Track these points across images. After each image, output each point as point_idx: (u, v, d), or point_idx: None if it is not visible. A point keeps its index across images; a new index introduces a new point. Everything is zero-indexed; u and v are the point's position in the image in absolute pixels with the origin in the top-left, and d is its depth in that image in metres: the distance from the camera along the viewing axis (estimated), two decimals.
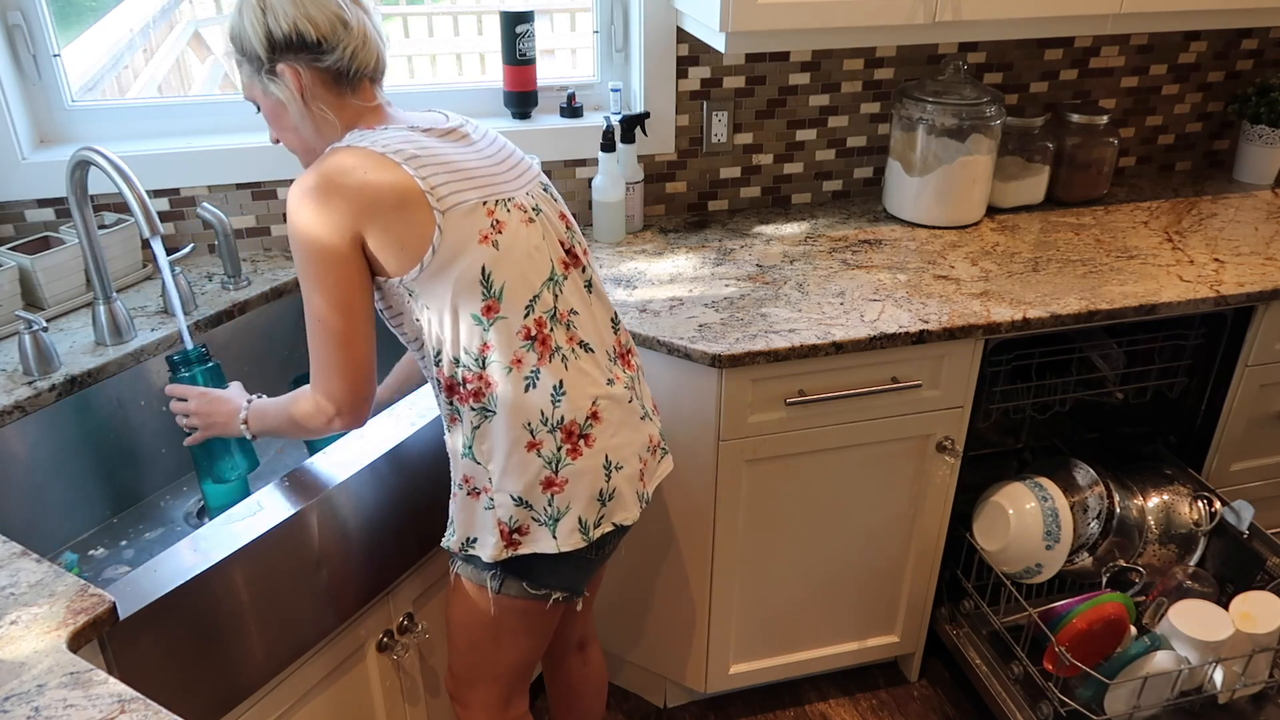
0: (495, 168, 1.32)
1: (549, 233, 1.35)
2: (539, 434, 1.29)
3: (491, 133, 1.39)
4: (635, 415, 1.40)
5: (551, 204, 1.39)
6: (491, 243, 1.26)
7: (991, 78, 2.29)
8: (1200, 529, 1.97)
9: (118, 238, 1.79)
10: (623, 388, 1.39)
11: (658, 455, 1.47)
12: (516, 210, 1.30)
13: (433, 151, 1.26)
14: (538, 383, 1.29)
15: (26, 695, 0.98)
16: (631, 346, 1.47)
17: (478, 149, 1.33)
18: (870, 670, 2.22)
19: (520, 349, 1.28)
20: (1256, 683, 1.78)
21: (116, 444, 1.64)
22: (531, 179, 1.37)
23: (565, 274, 1.35)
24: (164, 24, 3.75)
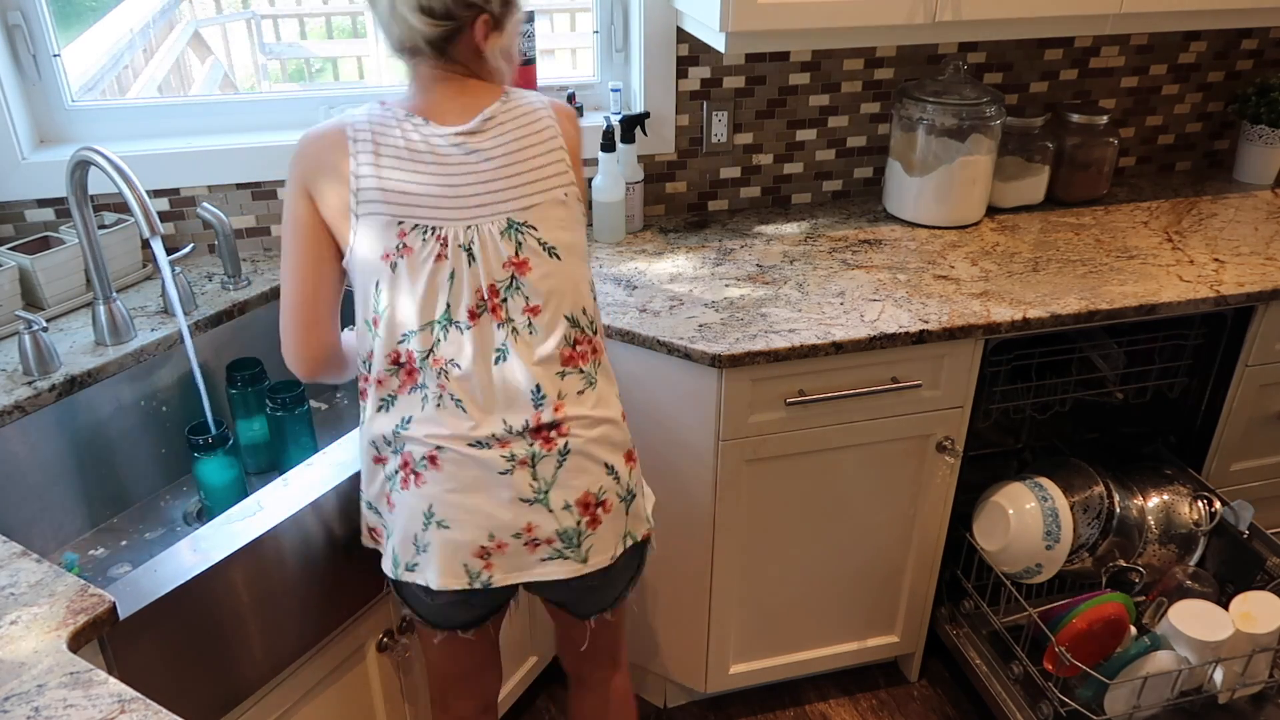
0: (454, 189, 1.25)
1: (466, 275, 1.25)
2: (384, 451, 1.30)
3: (516, 141, 1.29)
4: (504, 490, 1.27)
5: (501, 246, 1.26)
6: (390, 264, 1.25)
7: (991, 78, 2.29)
8: (1200, 529, 1.97)
9: (118, 238, 1.79)
10: (500, 457, 1.27)
11: (538, 551, 1.31)
12: (434, 241, 1.24)
13: (393, 152, 1.25)
14: (391, 407, 1.29)
15: (26, 695, 0.98)
16: (565, 429, 1.30)
17: (459, 164, 1.26)
18: (870, 670, 2.22)
19: (385, 371, 1.28)
20: (1256, 683, 1.78)
21: (116, 444, 1.64)
22: (510, 209, 1.27)
23: (468, 322, 1.26)
24: (164, 24, 3.75)
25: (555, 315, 1.30)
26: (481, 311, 1.27)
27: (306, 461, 1.40)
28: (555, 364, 1.30)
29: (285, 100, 2.00)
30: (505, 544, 1.30)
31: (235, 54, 4.52)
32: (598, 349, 1.36)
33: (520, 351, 1.28)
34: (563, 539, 1.32)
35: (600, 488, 1.33)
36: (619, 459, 1.36)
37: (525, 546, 1.31)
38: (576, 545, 1.33)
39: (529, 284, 1.28)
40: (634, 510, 1.39)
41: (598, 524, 1.33)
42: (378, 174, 1.24)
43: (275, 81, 4.63)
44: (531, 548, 1.31)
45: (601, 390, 1.35)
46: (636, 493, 1.39)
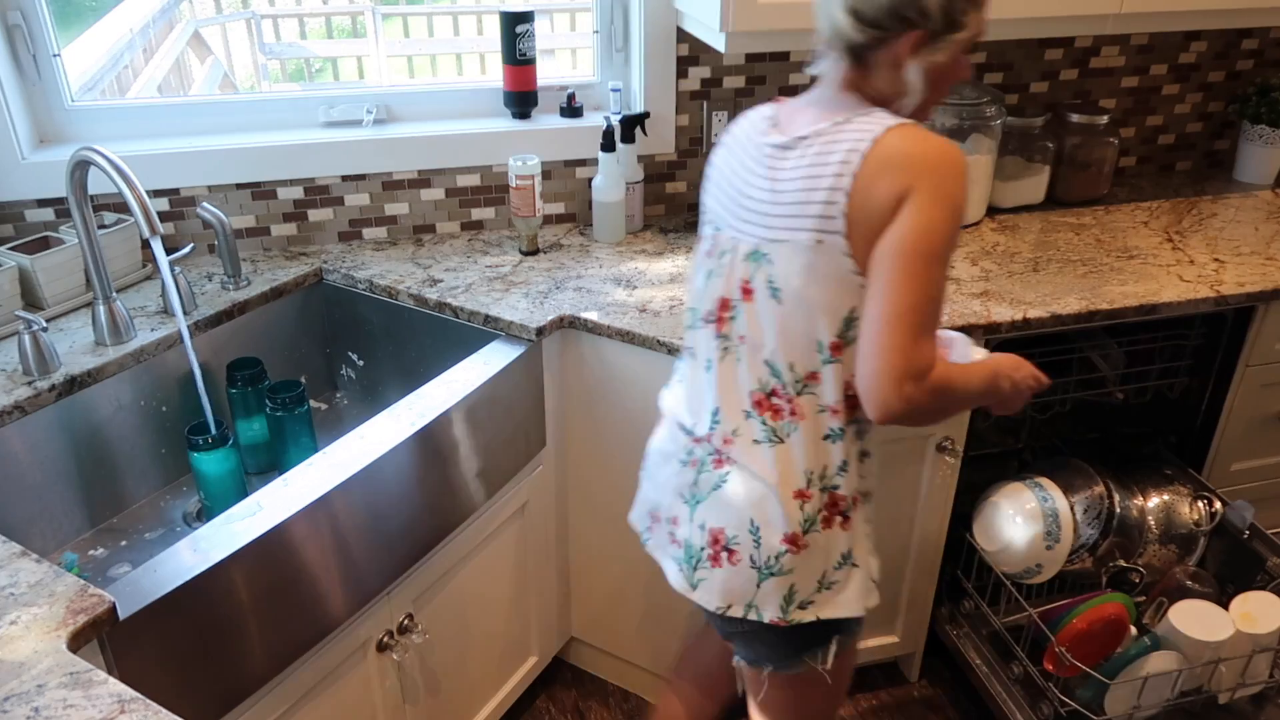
0: (744, 198, 1.25)
1: (718, 285, 1.29)
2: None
3: (807, 169, 1.18)
4: (675, 476, 1.36)
5: (740, 268, 1.25)
6: (705, 253, 1.33)
7: (991, 78, 2.29)
8: (1200, 529, 1.97)
9: (118, 238, 1.79)
10: (685, 447, 1.35)
11: (671, 546, 1.38)
12: (716, 241, 1.30)
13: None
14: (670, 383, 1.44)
15: (26, 695, 0.97)
16: (729, 462, 1.29)
17: (762, 177, 1.23)
18: (870, 670, 2.22)
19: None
20: (1256, 683, 1.78)
21: (116, 444, 1.64)
22: (761, 235, 1.21)
23: (704, 324, 1.32)
24: (164, 24, 3.76)
25: (755, 355, 1.26)
26: (711, 321, 1.31)
27: (306, 461, 1.40)
28: (745, 401, 1.27)
29: (285, 100, 2.00)
30: (660, 520, 1.40)
31: (235, 54, 4.52)
32: (799, 413, 1.24)
33: (720, 372, 1.30)
34: (685, 550, 1.34)
35: (734, 537, 1.28)
36: (772, 534, 1.26)
37: (668, 534, 1.38)
38: (692, 566, 1.34)
39: (745, 313, 1.26)
40: (770, 588, 1.28)
41: (718, 564, 1.30)
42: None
43: (275, 81, 4.63)
44: (670, 539, 1.39)
45: (782, 455, 1.25)
46: (783, 579, 1.28)
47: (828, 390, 1.23)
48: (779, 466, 1.25)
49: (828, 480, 1.26)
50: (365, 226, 2.06)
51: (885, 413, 1.14)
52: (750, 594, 1.29)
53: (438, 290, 1.84)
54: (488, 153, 2.05)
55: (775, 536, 1.26)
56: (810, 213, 1.16)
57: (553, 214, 2.16)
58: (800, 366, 1.22)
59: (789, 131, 1.23)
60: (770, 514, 1.26)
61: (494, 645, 1.88)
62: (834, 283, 1.17)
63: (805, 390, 1.23)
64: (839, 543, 1.29)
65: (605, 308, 1.79)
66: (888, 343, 1.12)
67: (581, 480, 1.94)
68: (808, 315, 1.20)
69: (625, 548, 1.96)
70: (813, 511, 1.26)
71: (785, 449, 1.25)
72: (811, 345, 1.21)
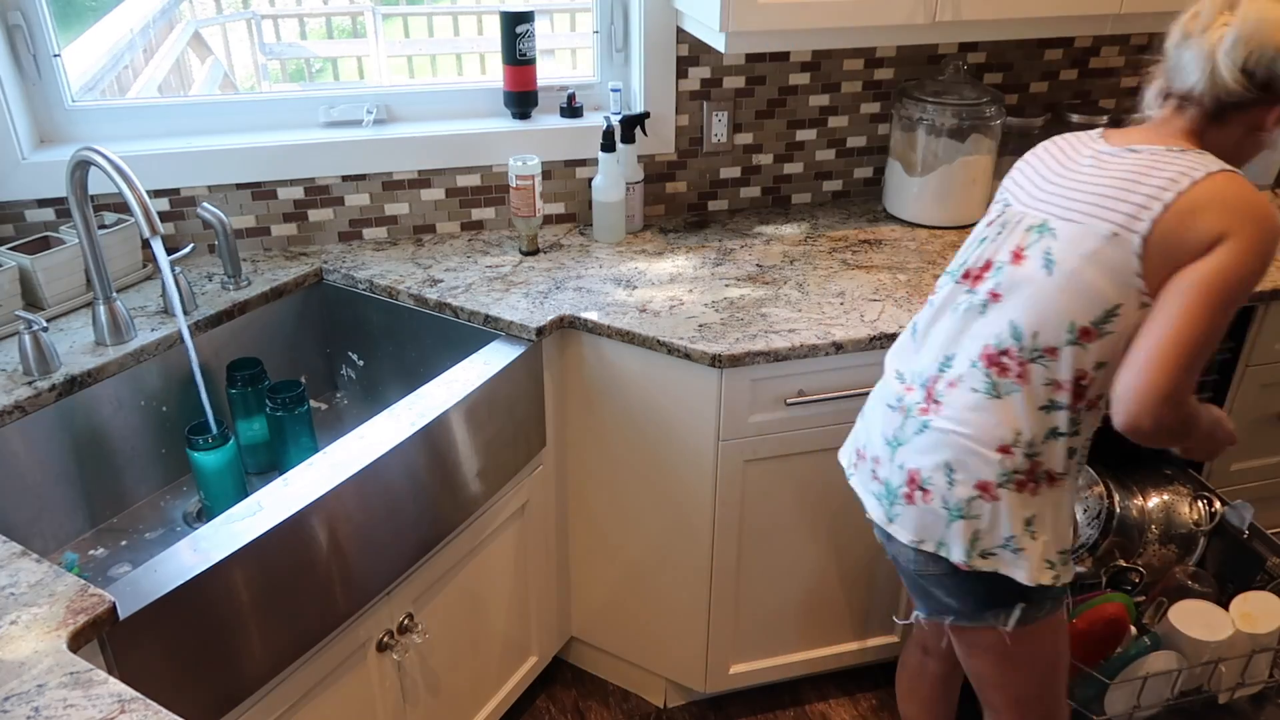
0: (1047, 183, 1.35)
1: (987, 246, 1.38)
2: None
3: (1127, 172, 1.26)
4: (882, 419, 1.45)
5: (1019, 236, 1.33)
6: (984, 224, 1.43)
7: (991, 78, 2.29)
8: (1200, 529, 1.97)
9: (118, 238, 1.79)
10: (896, 394, 1.42)
11: (874, 483, 1.46)
12: (999, 214, 1.39)
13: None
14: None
15: (26, 695, 0.98)
16: (940, 408, 1.35)
17: (1073, 168, 1.33)
18: (870, 670, 2.22)
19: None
20: (1256, 683, 1.78)
21: (116, 444, 1.64)
22: (1055, 213, 1.30)
23: (959, 279, 1.39)
24: (164, 24, 3.76)
25: (1004, 314, 1.32)
26: (969, 276, 1.38)
27: (307, 461, 1.40)
28: (975, 351, 1.34)
29: (285, 100, 2.00)
30: (865, 457, 1.49)
31: (235, 54, 4.52)
32: (1025, 377, 1.29)
33: (962, 319, 1.37)
34: (885, 487, 1.43)
35: (930, 477, 1.36)
36: (965, 477, 1.33)
37: (871, 472, 1.47)
38: (890, 502, 1.43)
39: (1009, 274, 1.33)
40: (957, 530, 1.34)
41: (912, 501, 1.39)
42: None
43: (275, 81, 4.63)
44: (872, 476, 1.47)
45: (995, 408, 1.31)
46: (969, 523, 1.33)
47: (1061, 368, 1.28)
48: (987, 418, 1.32)
49: (1034, 448, 1.31)
50: (365, 226, 2.06)
51: (1134, 426, 1.22)
52: (940, 532, 1.36)
53: (438, 290, 1.84)
54: (488, 153, 2.05)
55: (969, 482, 1.33)
56: (1120, 209, 1.24)
57: (553, 214, 2.16)
58: (1043, 337, 1.29)
59: (1119, 144, 1.32)
60: (967, 460, 1.33)
61: (494, 645, 1.88)
62: (1113, 275, 1.24)
63: (1038, 360, 1.29)
64: (1029, 507, 1.33)
65: (605, 308, 1.79)
66: (1162, 364, 1.19)
67: (581, 480, 1.94)
68: (1073, 294, 1.26)
69: (625, 548, 1.96)
70: (1011, 469, 1.31)
71: (1000, 404, 1.31)
72: (1063, 323, 1.27)
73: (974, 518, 1.33)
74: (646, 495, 1.88)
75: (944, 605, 1.44)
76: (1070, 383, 1.29)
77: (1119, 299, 1.24)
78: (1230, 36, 1.21)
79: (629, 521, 1.93)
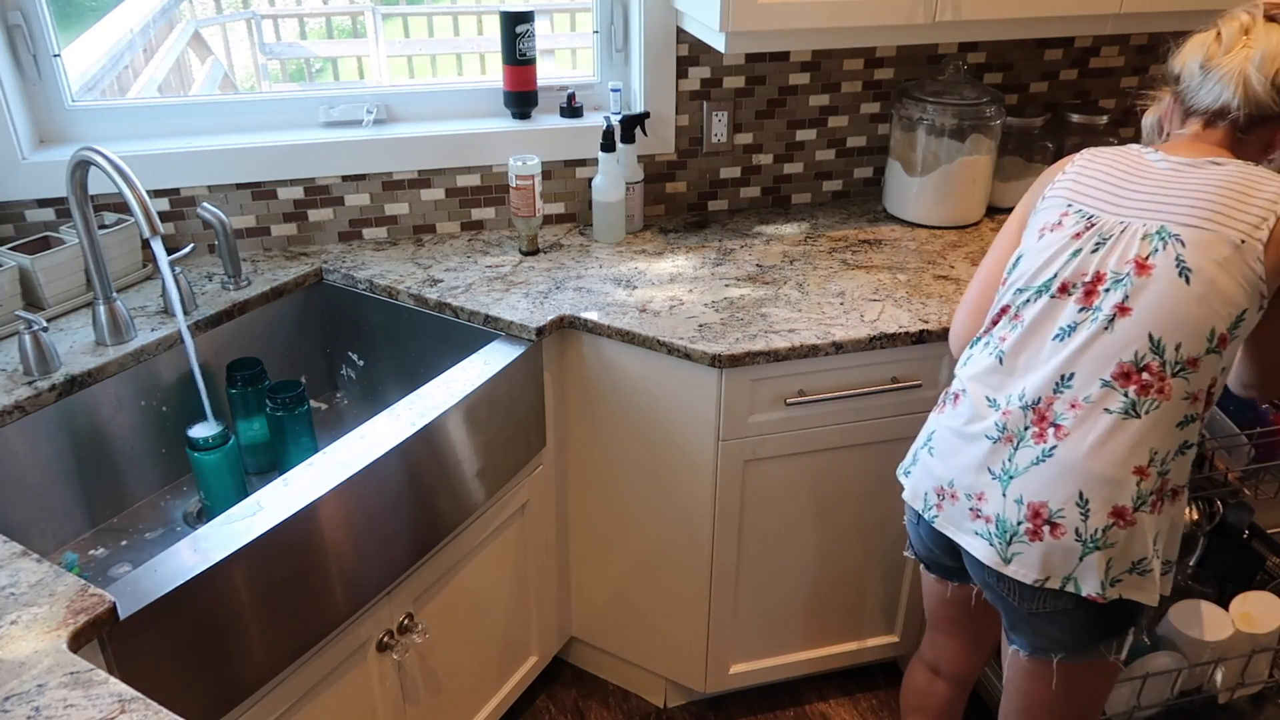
0: (1129, 189, 1.34)
1: (1085, 258, 1.32)
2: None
3: (1234, 177, 1.29)
4: (980, 452, 1.36)
5: (1136, 245, 1.29)
6: (1041, 234, 1.38)
7: (991, 78, 2.29)
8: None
9: (118, 238, 1.79)
10: (994, 423, 1.34)
11: (976, 522, 1.36)
12: (1082, 223, 1.35)
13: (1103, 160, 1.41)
14: (970, 347, 1.46)
15: (27, 695, 0.98)
16: (1063, 432, 1.29)
17: (1152, 173, 1.34)
18: (870, 670, 2.22)
19: (990, 318, 1.43)
20: (1256, 683, 1.78)
21: (116, 444, 1.64)
22: (1170, 218, 1.28)
23: (1056, 296, 1.33)
24: (164, 24, 3.76)
25: (1140, 327, 1.27)
26: (1070, 292, 1.32)
27: (307, 461, 1.40)
28: (1108, 370, 1.28)
29: (285, 100, 2.00)
30: (957, 496, 1.39)
31: (235, 54, 4.53)
32: (1166, 392, 1.26)
33: (1081, 336, 1.30)
34: (998, 525, 1.34)
35: (1060, 510, 1.29)
36: (1100, 505, 1.27)
37: (969, 510, 1.37)
38: (1006, 541, 1.33)
39: (1136, 284, 1.28)
40: (1091, 563, 1.29)
41: (1038, 538, 1.30)
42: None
43: (275, 81, 4.64)
44: (973, 515, 1.37)
45: (1133, 429, 1.26)
46: (1105, 553, 1.28)
47: (1201, 379, 1.27)
48: (1126, 439, 1.27)
49: (1166, 465, 1.28)
50: (365, 226, 2.06)
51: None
52: (1071, 567, 1.30)
53: (438, 290, 1.84)
54: (488, 153, 2.05)
55: (1104, 510, 1.27)
56: (1242, 217, 1.25)
57: (553, 214, 2.16)
58: (1186, 349, 1.25)
59: (1185, 155, 1.34)
60: (1103, 487, 1.27)
61: (494, 645, 1.88)
62: (1242, 281, 1.25)
63: (1181, 373, 1.26)
64: (1158, 526, 1.30)
65: (605, 308, 1.79)
66: None
67: (581, 480, 1.94)
68: (1213, 302, 1.25)
69: (625, 547, 1.96)
70: (1147, 491, 1.27)
71: (1140, 425, 1.27)
72: (1204, 332, 1.25)
73: (1110, 546, 1.28)
74: (646, 495, 1.88)
75: (1055, 642, 1.37)
76: (1205, 392, 1.27)
77: (1246, 304, 1.26)
78: (1257, 55, 1.29)
79: (629, 521, 1.93)
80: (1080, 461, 1.27)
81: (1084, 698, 1.44)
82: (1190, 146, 1.35)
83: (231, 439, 1.59)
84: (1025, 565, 1.32)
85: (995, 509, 1.34)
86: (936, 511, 1.42)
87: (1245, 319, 1.26)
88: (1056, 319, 1.33)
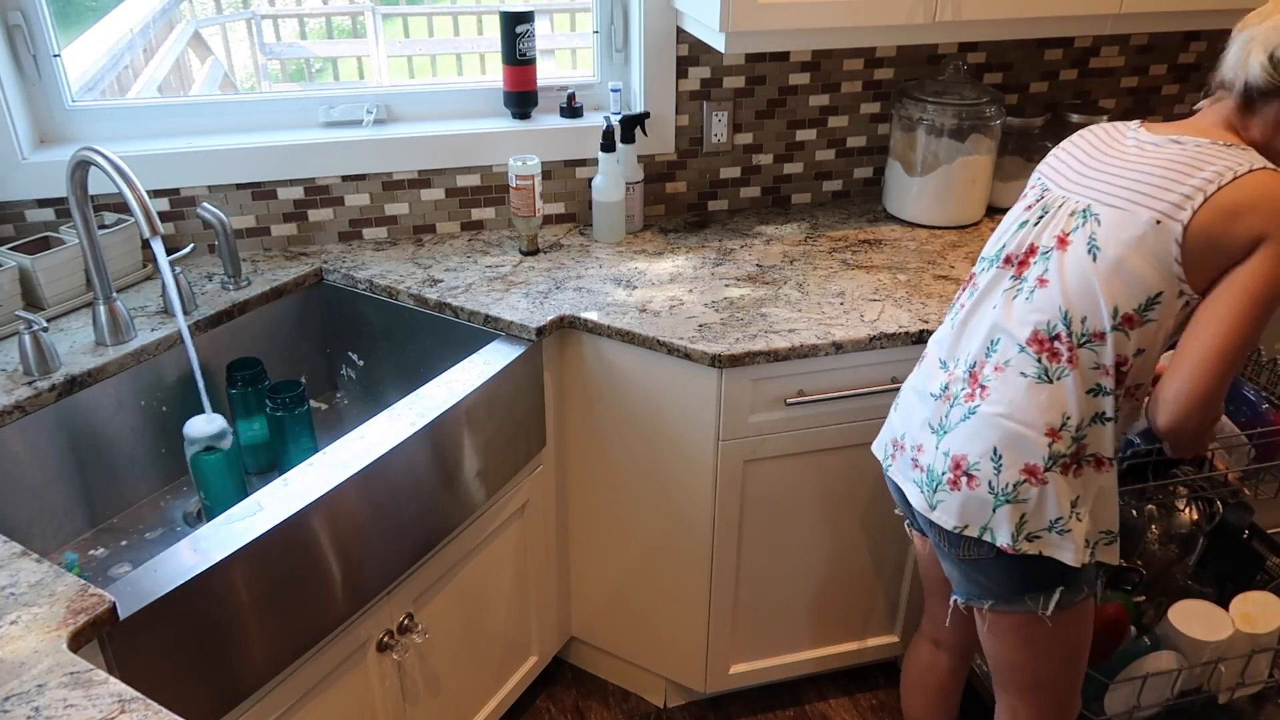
0: (1088, 169, 1.37)
1: (1030, 231, 1.39)
2: None
3: (1168, 160, 1.29)
4: (925, 409, 1.44)
5: (1063, 221, 1.35)
6: (1017, 210, 1.45)
7: (991, 78, 2.29)
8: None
9: (118, 238, 1.79)
10: (939, 383, 1.43)
11: (914, 471, 1.45)
12: (1037, 199, 1.41)
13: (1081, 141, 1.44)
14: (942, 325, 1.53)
15: (26, 695, 0.98)
16: (987, 392, 1.36)
17: (1114, 153, 1.36)
18: (870, 670, 2.22)
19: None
20: (1256, 683, 1.78)
21: (116, 444, 1.64)
22: (1097, 198, 1.32)
23: (1000, 265, 1.40)
24: (164, 24, 3.76)
25: (1051, 299, 1.33)
26: (1012, 263, 1.40)
27: (307, 461, 1.40)
28: (1023, 335, 1.34)
29: (285, 100, 2.00)
30: (904, 448, 1.48)
31: (235, 54, 4.53)
32: (1075, 362, 1.31)
33: (1004, 306, 1.38)
34: (928, 475, 1.42)
35: (976, 464, 1.36)
36: (1013, 460, 1.33)
37: (911, 461, 1.46)
38: (933, 489, 1.41)
39: (1054, 259, 1.34)
40: (1004, 514, 1.35)
41: (957, 488, 1.38)
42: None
43: (275, 81, 4.63)
44: (913, 465, 1.46)
45: (1046, 393, 1.32)
46: (1016, 507, 1.34)
47: (1106, 353, 1.31)
48: (1036, 402, 1.32)
49: (1081, 431, 1.32)
50: (365, 226, 2.06)
51: (1171, 426, 1.28)
52: (985, 517, 1.36)
53: (438, 290, 1.84)
54: (488, 153, 2.05)
55: (1016, 466, 1.33)
56: (1164, 198, 1.26)
57: (553, 214, 2.16)
58: (1090, 323, 1.31)
59: (1162, 134, 1.34)
60: (1015, 444, 1.33)
61: (494, 645, 1.88)
62: (1155, 262, 1.26)
63: (1087, 345, 1.31)
64: (1074, 489, 1.34)
65: (605, 308, 1.79)
66: (1206, 370, 1.24)
67: (581, 480, 1.94)
68: (1117, 280, 1.28)
69: (625, 547, 1.96)
70: (1059, 452, 1.32)
71: (1052, 389, 1.32)
72: (1108, 308, 1.29)
73: (1021, 501, 1.34)
74: (646, 495, 1.88)
75: (984, 589, 1.44)
76: (1113, 367, 1.31)
77: (1160, 286, 1.27)
78: (1266, 26, 1.27)
79: (629, 521, 1.93)
80: (996, 419, 1.34)
81: (1044, 661, 1.48)
82: (1190, 124, 1.35)
83: (231, 439, 1.59)
84: (946, 512, 1.40)
85: (929, 460, 1.42)
86: (890, 462, 1.52)
87: (1160, 302, 1.28)
88: (998, 287, 1.40)
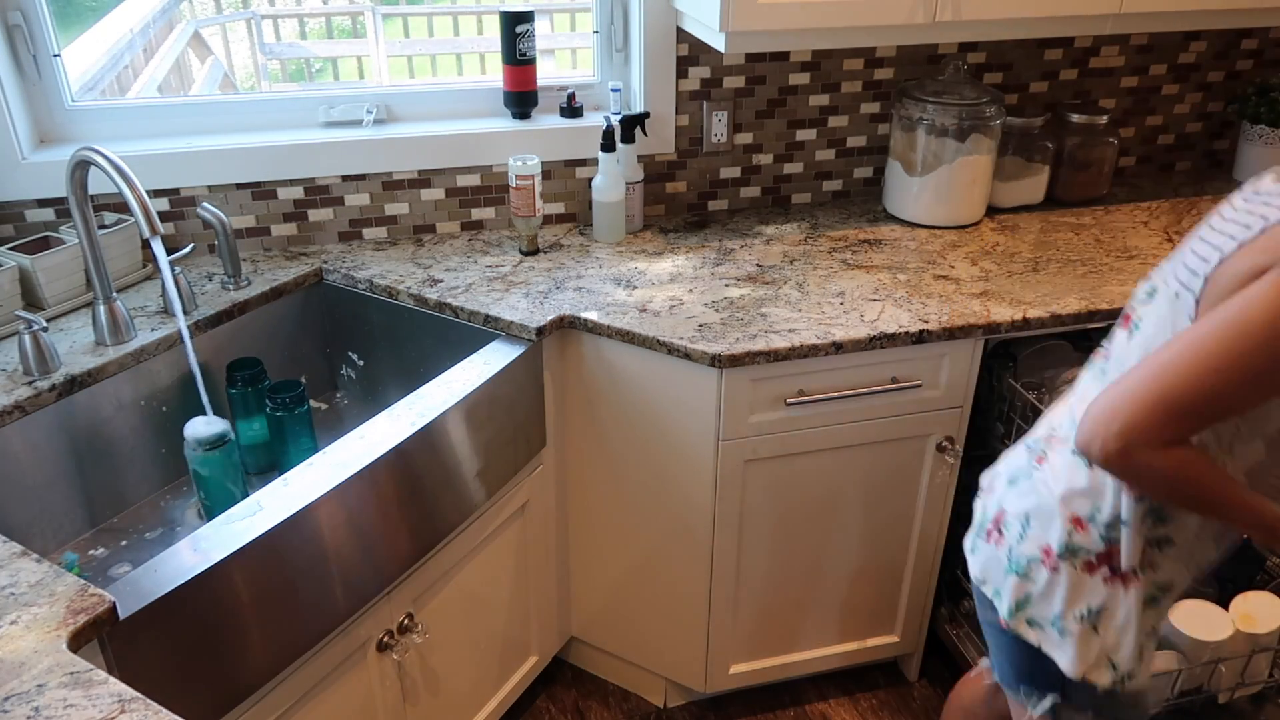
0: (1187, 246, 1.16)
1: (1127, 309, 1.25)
2: None
3: (1228, 219, 1.10)
4: (1013, 457, 1.37)
5: (1137, 300, 1.21)
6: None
7: (991, 78, 2.29)
8: None
9: (118, 238, 1.79)
10: (1026, 442, 1.35)
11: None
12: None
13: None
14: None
15: (26, 695, 0.98)
16: (1047, 454, 1.28)
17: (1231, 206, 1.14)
18: (870, 670, 2.22)
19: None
20: (1256, 683, 1.78)
21: (116, 444, 1.64)
22: (1163, 273, 1.16)
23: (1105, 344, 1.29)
24: (164, 24, 3.76)
25: (1109, 379, 1.21)
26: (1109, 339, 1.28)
27: (307, 461, 1.40)
28: (1079, 411, 1.22)
29: (285, 100, 2.00)
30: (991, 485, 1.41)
31: (235, 54, 4.53)
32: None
33: (1088, 378, 1.29)
34: (981, 516, 1.39)
35: (1009, 522, 1.30)
36: (1037, 534, 1.26)
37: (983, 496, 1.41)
38: (974, 534, 1.39)
39: (1118, 337, 1.23)
40: (1008, 585, 1.29)
41: (989, 540, 1.34)
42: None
43: (275, 81, 4.63)
44: (980, 500, 1.42)
45: (1086, 480, 1.22)
46: (1023, 583, 1.27)
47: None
48: (1075, 484, 1.22)
49: (1112, 532, 1.20)
50: (365, 226, 2.06)
51: (1085, 449, 1.12)
52: (999, 580, 1.32)
53: (438, 290, 1.85)
54: (488, 153, 2.05)
55: (1037, 541, 1.26)
56: (1188, 263, 1.11)
57: (553, 214, 2.16)
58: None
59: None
60: (1043, 519, 1.25)
61: (494, 645, 1.88)
62: (1169, 332, 1.11)
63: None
64: (1092, 595, 1.23)
65: (605, 308, 1.79)
66: (1137, 398, 1.06)
67: (581, 480, 1.94)
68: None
69: (625, 547, 1.96)
70: (1078, 544, 1.22)
71: (1092, 475, 1.21)
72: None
73: (1026, 578, 1.27)
74: (646, 495, 1.88)
75: (994, 658, 1.40)
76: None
77: None
78: None
79: (629, 521, 1.93)
80: (1041, 486, 1.27)
81: None
82: None
83: (231, 439, 1.59)
84: (975, 562, 1.37)
85: (985, 502, 1.39)
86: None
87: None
88: (1099, 355, 1.31)
